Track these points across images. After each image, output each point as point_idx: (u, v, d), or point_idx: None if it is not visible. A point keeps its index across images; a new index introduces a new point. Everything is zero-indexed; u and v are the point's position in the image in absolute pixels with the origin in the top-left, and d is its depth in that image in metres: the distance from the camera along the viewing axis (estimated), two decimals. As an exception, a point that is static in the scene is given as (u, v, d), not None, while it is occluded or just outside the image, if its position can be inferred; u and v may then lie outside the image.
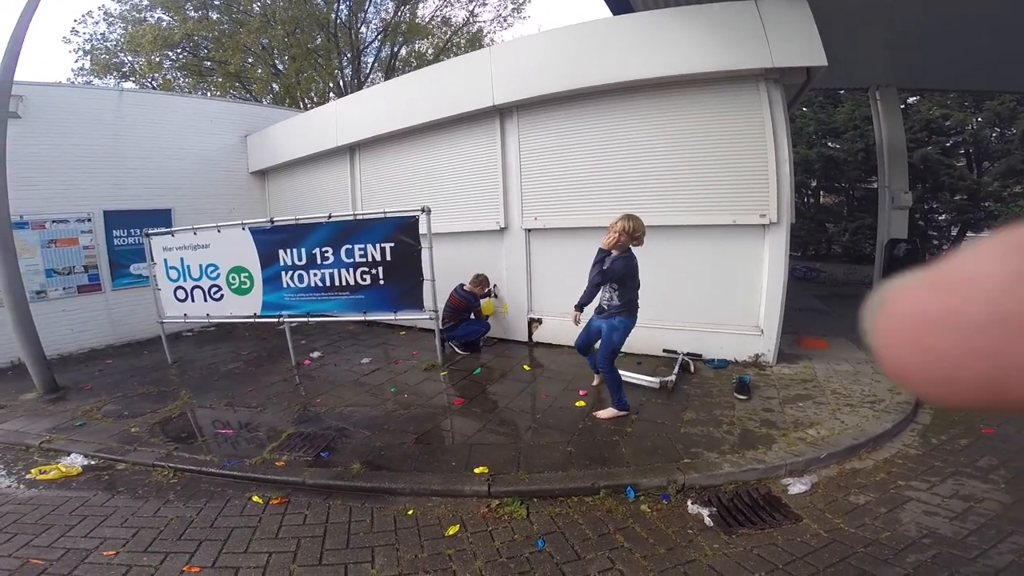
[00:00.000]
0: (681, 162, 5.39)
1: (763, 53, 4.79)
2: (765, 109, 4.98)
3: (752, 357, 5.30)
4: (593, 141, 5.85)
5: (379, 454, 3.82)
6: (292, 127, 9.16)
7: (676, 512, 3.04)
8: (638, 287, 4.03)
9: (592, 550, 2.73)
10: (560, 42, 5.73)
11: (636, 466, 3.41)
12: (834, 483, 3.25)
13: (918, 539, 2.65)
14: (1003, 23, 6.11)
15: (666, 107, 5.43)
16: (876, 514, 2.89)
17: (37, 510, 3.39)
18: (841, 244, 15.75)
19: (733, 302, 5.36)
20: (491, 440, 3.94)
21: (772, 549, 2.66)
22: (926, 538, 2.65)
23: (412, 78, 7.78)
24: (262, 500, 3.38)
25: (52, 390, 5.74)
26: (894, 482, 3.21)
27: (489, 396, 4.92)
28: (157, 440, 4.31)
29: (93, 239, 7.95)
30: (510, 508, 3.13)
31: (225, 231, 6.35)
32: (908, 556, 2.52)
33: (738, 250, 5.26)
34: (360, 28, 18.91)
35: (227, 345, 7.69)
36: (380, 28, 19.14)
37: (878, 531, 2.74)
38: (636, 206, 5.56)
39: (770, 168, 4.99)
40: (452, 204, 7.01)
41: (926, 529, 2.72)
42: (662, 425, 4.00)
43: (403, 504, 3.26)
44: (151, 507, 3.37)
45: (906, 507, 2.94)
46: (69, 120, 7.67)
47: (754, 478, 3.30)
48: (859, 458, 3.53)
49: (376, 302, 5.95)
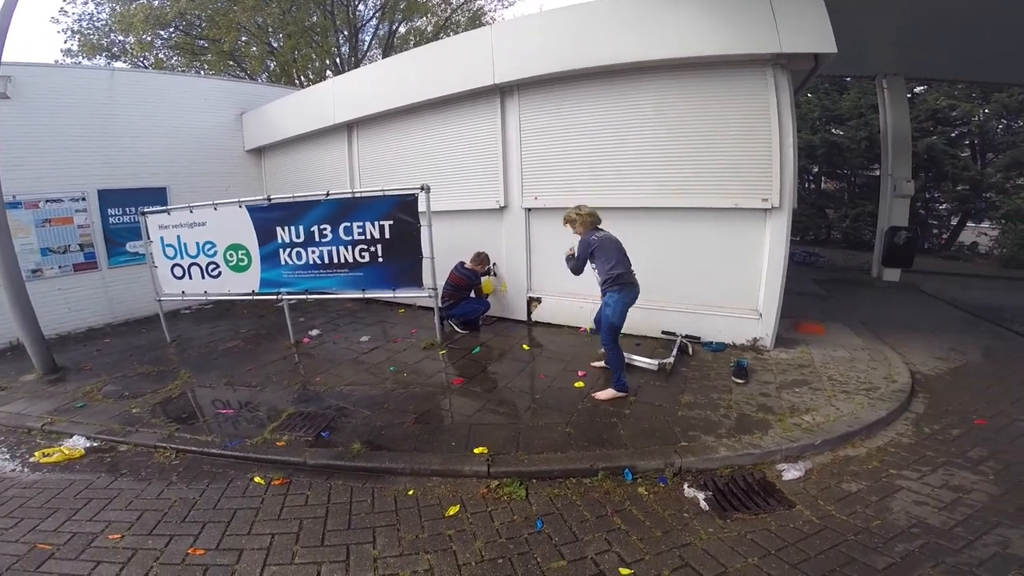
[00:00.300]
0: (683, 145, 5.33)
1: (771, 38, 4.70)
2: (771, 94, 4.91)
3: (750, 341, 5.33)
4: (595, 121, 5.78)
5: (379, 434, 3.85)
6: (289, 104, 9.00)
7: (673, 495, 3.08)
8: (614, 262, 4.17)
9: (590, 531, 2.77)
10: (563, 21, 5.61)
11: (634, 448, 3.45)
12: (827, 470, 3.30)
13: (907, 528, 2.69)
14: (1017, 16, 6.03)
15: (669, 90, 5.35)
16: (868, 502, 2.94)
17: (42, 494, 3.41)
18: (841, 230, 15.75)
19: (732, 285, 5.37)
20: (490, 420, 3.98)
21: (765, 534, 2.70)
22: (915, 527, 2.70)
23: (412, 55, 7.66)
24: (264, 481, 3.41)
25: (52, 371, 5.73)
26: (886, 471, 3.26)
27: (488, 376, 4.95)
28: (158, 421, 4.33)
29: (88, 217, 7.86)
30: (509, 489, 3.17)
31: (222, 209, 6.28)
32: (897, 545, 2.57)
33: (739, 234, 5.24)
34: (358, 5, 18.51)
35: (225, 323, 7.68)
36: (378, 5, 18.70)
37: (869, 519, 2.78)
38: (636, 187, 5.60)
39: (774, 153, 4.95)
40: (452, 182, 6.94)
41: (915, 519, 2.77)
42: (660, 408, 4.03)
43: (404, 484, 3.30)
44: (154, 489, 3.39)
45: (897, 496, 2.99)
46: (60, 100, 7.50)
47: (750, 463, 3.34)
48: (853, 445, 3.57)
49: (375, 279, 5.94)
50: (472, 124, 6.70)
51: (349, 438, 3.80)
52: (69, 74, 8.00)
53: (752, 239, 5.20)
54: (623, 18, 5.26)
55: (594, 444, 3.52)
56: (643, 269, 5.54)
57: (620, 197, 5.68)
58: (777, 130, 4.91)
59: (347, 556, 2.68)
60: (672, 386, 4.45)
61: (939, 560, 2.46)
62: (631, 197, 5.64)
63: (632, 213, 5.59)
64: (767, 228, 5.10)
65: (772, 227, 5.06)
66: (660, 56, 5.15)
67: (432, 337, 6.04)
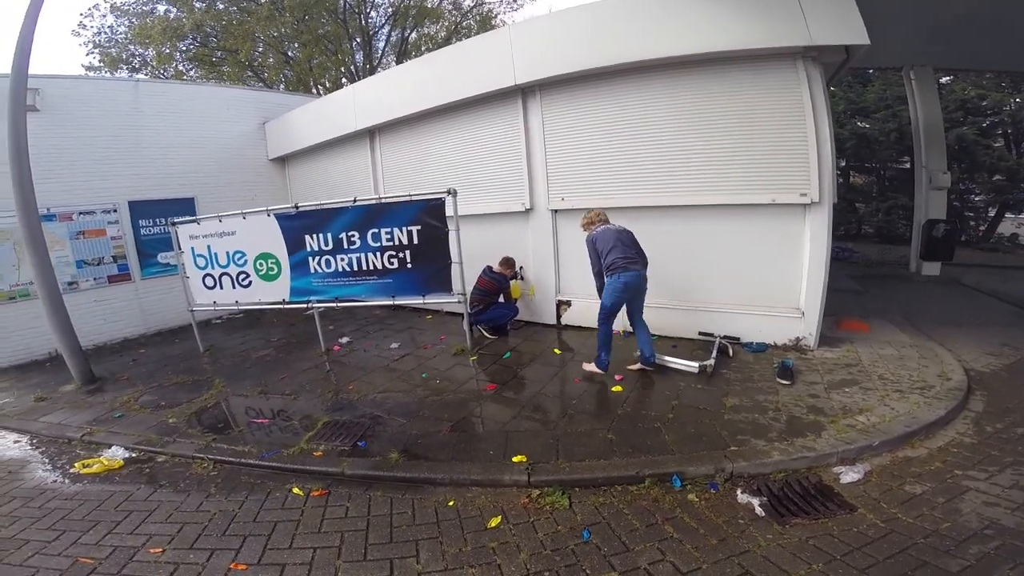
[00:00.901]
0: (715, 140, 5.18)
1: (800, 30, 4.56)
2: (804, 87, 4.76)
3: (792, 340, 5.15)
4: (622, 119, 5.66)
5: (415, 442, 3.80)
6: (309, 113, 9.09)
7: (725, 501, 2.95)
8: (610, 248, 4.50)
9: (640, 541, 2.66)
10: (580, 19, 5.53)
11: (681, 454, 3.33)
12: (888, 472, 3.13)
13: (980, 530, 2.54)
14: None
15: (697, 85, 5.21)
16: (934, 504, 2.78)
17: (83, 505, 3.42)
18: (873, 224, 15.27)
19: (772, 284, 5.20)
20: (526, 427, 3.89)
21: (828, 539, 2.56)
22: (988, 529, 2.54)
23: (429, 59, 7.64)
24: (303, 492, 3.36)
25: (89, 381, 5.84)
26: (951, 471, 3.08)
27: (521, 381, 4.87)
28: (195, 431, 4.35)
29: (120, 229, 8.03)
30: (552, 498, 3.07)
31: (251, 218, 6.35)
32: (970, 547, 2.42)
33: (777, 230, 5.07)
34: (369, 13, 18.67)
35: (256, 332, 7.75)
36: (390, 12, 18.86)
37: (938, 521, 2.63)
38: (668, 184, 5.46)
39: (810, 147, 4.78)
40: (477, 186, 6.90)
41: (988, 520, 2.61)
42: (704, 411, 3.90)
43: (443, 495, 3.23)
44: (194, 501, 3.38)
45: (965, 497, 2.82)
46: (87, 112, 7.70)
47: (804, 466, 3.19)
48: (912, 446, 3.39)
49: (404, 286, 5.91)
50: (495, 126, 6.66)
51: (386, 447, 3.75)
52: (95, 86, 8.18)
53: (791, 235, 5.02)
54: (648, 13, 5.16)
55: (638, 450, 3.41)
56: (677, 270, 5.44)
57: (651, 195, 5.57)
58: (813, 123, 4.75)
59: (391, 571, 2.60)
60: (715, 389, 4.31)
61: (1017, 561, 2.30)
62: (663, 195, 5.51)
63: (664, 212, 5.48)
64: (807, 224, 4.93)
65: (812, 222, 4.89)
66: (690, 51, 5.03)
67: (462, 343, 5.99)
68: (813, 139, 4.76)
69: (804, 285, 5.01)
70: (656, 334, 5.46)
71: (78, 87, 7.77)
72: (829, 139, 4.78)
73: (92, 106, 7.75)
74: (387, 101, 7.53)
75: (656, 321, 5.39)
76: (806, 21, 4.53)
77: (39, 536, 3.08)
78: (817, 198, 4.80)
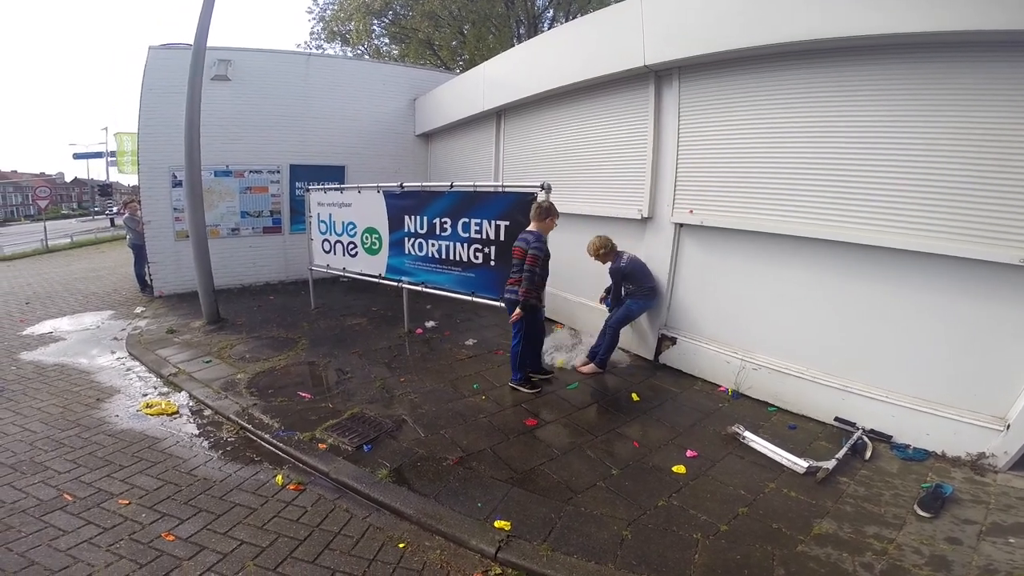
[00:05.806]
0: (941, 158, 3.46)
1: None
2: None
3: (972, 456, 3.44)
4: (793, 118, 4.17)
5: (415, 464, 3.40)
6: (448, 90, 9.05)
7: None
8: (647, 275, 5.12)
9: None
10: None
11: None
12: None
13: None
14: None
15: (923, 75, 3.50)
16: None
17: (113, 445, 3.72)
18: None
19: (974, 377, 3.48)
20: (538, 487, 3.16)
21: None
22: None
23: (548, 36, 6.87)
24: (283, 482, 3.26)
25: (214, 320, 6.64)
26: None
27: (570, 425, 4.03)
28: (248, 392, 4.55)
29: (279, 188, 9.08)
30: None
31: (365, 192, 6.56)
32: None
33: (1008, 303, 3.31)
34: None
35: (367, 297, 8.05)
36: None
37: None
38: (850, 213, 3.91)
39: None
40: (586, 182, 6.07)
41: None
42: (776, 531, 2.72)
43: (401, 532, 2.80)
44: (193, 463, 3.49)
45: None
46: (266, 82, 8.71)
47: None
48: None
49: (484, 283, 5.49)
50: (616, 114, 5.69)
51: (384, 459, 3.43)
52: (273, 59, 9.08)
53: (1016, 315, 3.31)
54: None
55: (649, 566, 2.47)
56: (834, 331, 4.07)
57: (821, 225, 4.03)
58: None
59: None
60: (814, 501, 3.01)
61: None
62: (843, 227, 3.91)
63: (834, 249, 3.97)
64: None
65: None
66: (922, 29, 3.29)
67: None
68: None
69: (1023, 389, 3.29)
70: (776, 405, 4.29)
71: (259, 59, 8.79)
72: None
73: (270, 76, 8.76)
74: (510, 81, 7.02)
75: (782, 390, 4.23)
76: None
77: (57, 466, 3.41)
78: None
